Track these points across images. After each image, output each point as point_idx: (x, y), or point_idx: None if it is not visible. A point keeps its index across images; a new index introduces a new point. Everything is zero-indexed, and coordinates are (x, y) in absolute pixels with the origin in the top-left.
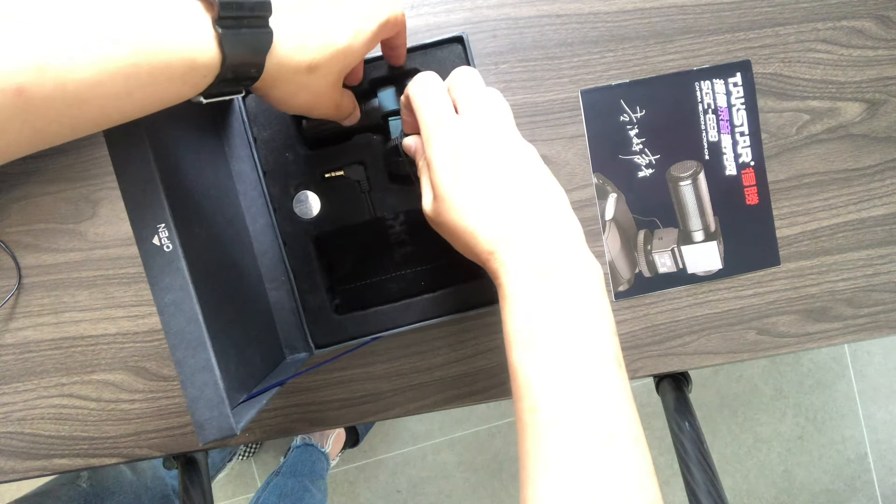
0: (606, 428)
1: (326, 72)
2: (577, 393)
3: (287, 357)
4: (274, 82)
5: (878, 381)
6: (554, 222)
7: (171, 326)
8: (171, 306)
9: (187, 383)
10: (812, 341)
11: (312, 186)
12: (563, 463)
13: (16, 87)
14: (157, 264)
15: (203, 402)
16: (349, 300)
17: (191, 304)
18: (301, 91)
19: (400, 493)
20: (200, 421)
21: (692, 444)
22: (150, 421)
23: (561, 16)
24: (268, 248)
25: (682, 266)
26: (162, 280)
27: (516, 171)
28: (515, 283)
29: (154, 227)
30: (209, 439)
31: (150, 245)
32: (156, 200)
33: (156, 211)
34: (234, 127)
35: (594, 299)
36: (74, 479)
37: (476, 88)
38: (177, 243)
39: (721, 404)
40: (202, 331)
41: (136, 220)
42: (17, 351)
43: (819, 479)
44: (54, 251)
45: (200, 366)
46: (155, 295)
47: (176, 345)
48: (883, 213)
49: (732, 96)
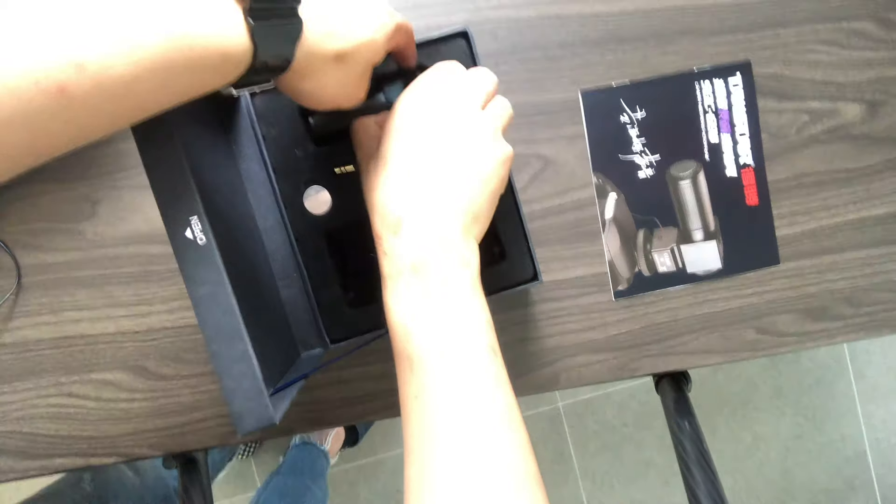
0: (481, 413)
1: (354, 62)
2: (452, 382)
3: (302, 354)
4: (303, 73)
5: (877, 380)
6: (443, 207)
7: (207, 319)
8: (206, 299)
9: (224, 375)
10: (811, 340)
11: (322, 182)
12: (446, 447)
13: (57, 87)
14: (191, 257)
15: (241, 392)
16: (362, 293)
17: (226, 296)
18: (329, 82)
19: (400, 493)
20: (239, 412)
21: (692, 444)
22: (149, 420)
23: (561, 17)
24: (279, 246)
25: (681, 265)
26: (196, 273)
27: (447, 147)
28: (392, 277)
29: (186, 219)
30: (248, 430)
31: (182, 238)
32: (188, 193)
33: (188, 203)
34: (242, 126)
35: (464, 296)
36: (77, 482)
37: (486, 81)
38: (210, 235)
39: (720, 403)
40: (239, 322)
41: (168, 214)
42: (17, 350)
43: (818, 477)
44: (54, 251)
45: (237, 357)
46: (189, 288)
47: (212, 337)
48: (882, 212)
49: (732, 97)
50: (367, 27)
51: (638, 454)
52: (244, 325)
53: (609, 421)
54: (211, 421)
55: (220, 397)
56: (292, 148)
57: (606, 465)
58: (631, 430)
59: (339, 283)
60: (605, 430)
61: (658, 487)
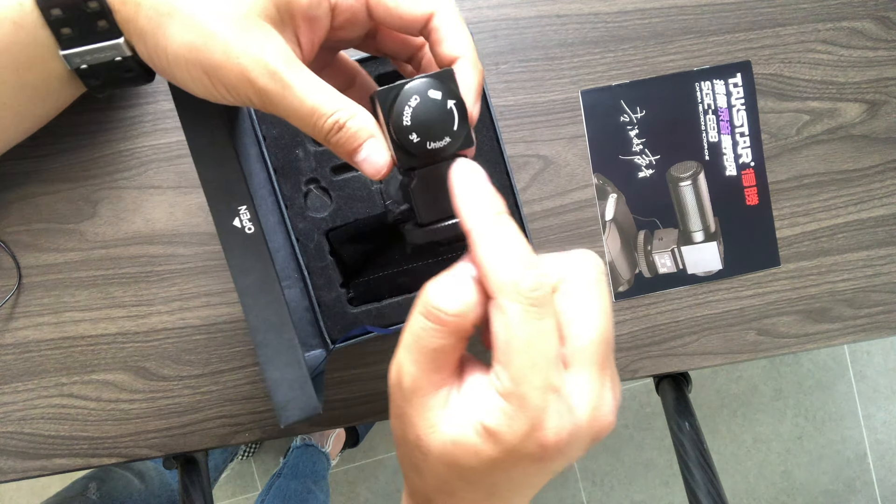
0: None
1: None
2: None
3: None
4: (138, 26)
5: (877, 381)
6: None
7: (253, 308)
8: (253, 287)
9: (269, 365)
10: (812, 342)
11: (323, 182)
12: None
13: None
14: (239, 246)
15: (285, 383)
16: (363, 293)
17: (273, 285)
18: (174, 33)
19: (400, 493)
20: (283, 402)
21: (692, 444)
22: (150, 421)
23: (561, 16)
24: (280, 246)
25: (682, 266)
26: (244, 262)
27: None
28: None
29: (235, 208)
30: (292, 420)
31: (230, 227)
32: (236, 182)
33: (237, 193)
34: (243, 127)
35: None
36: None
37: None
38: (258, 225)
39: (721, 404)
40: (286, 311)
41: (216, 203)
42: (17, 351)
43: (818, 479)
44: (54, 251)
45: (284, 346)
46: (236, 277)
47: (258, 327)
48: (883, 213)
49: (733, 97)
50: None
51: (638, 455)
52: (289, 315)
53: None
54: (212, 422)
55: (220, 398)
56: (293, 148)
57: (606, 465)
58: (631, 431)
59: (340, 282)
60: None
61: (658, 488)
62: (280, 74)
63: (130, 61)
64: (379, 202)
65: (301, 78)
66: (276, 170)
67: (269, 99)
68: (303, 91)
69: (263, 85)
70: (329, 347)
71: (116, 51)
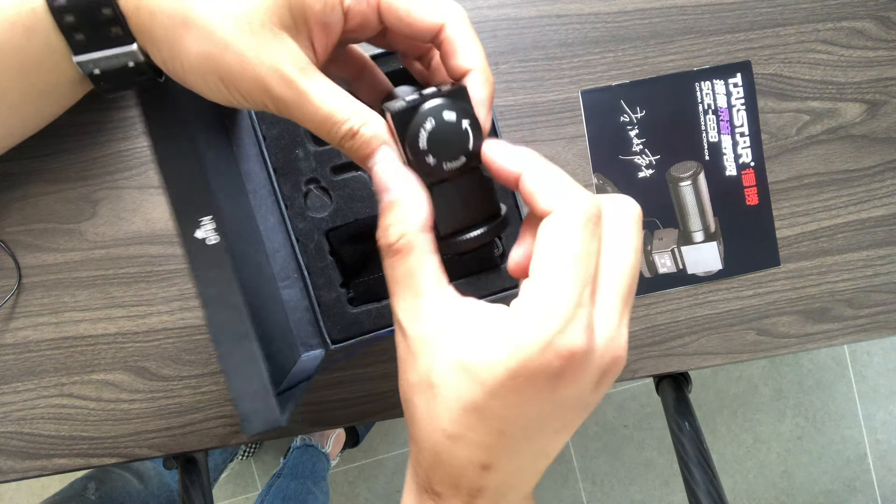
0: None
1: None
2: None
3: (303, 355)
4: (152, 35)
5: (877, 381)
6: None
7: (216, 319)
8: (215, 299)
9: (231, 376)
10: (812, 342)
11: (323, 182)
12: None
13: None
14: (202, 258)
15: (248, 394)
16: (363, 293)
17: (236, 297)
18: (189, 42)
19: (399, 494)
20: (246, 413)
21: (692, 444)
22: (149, 421)
23: (561, 16)
24: (279, 247)
25: (682, 266)
26: (207, 273)
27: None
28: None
29: (197, 220)
30: (255, 431)
31: (193, 238)
32: (200, 193)
33: (201, 204)
34: (242, 126)
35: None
36: (82, 492)
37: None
38: (222, 236)
39: (721, 404)
40: (247, 322)
41: (180, 213)
42: (17, 351)
43: (819, 479)
44: (54, 251)
45: (246, 358)
46: (199, 288)
47: (220, 339)
48: (883, 213)
49: (732, 97)
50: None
51: (638, 455)
52: (252, 325)
53: (609, 422)
54: (211, 422)
55: (220, 398)
56: (293, 148)
57: (606, 465)
58: (631, 431)
59: (340, 283)
60: (605, 431)
61: (658, 488)
62: (296, 83)
63: (143, 66)
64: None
65: (316, 85)
66: (276, 170)
67: (286, 106)
68: (318, 98)
69: (279, 93)
70: (328, 347)
71: (130, 56)
